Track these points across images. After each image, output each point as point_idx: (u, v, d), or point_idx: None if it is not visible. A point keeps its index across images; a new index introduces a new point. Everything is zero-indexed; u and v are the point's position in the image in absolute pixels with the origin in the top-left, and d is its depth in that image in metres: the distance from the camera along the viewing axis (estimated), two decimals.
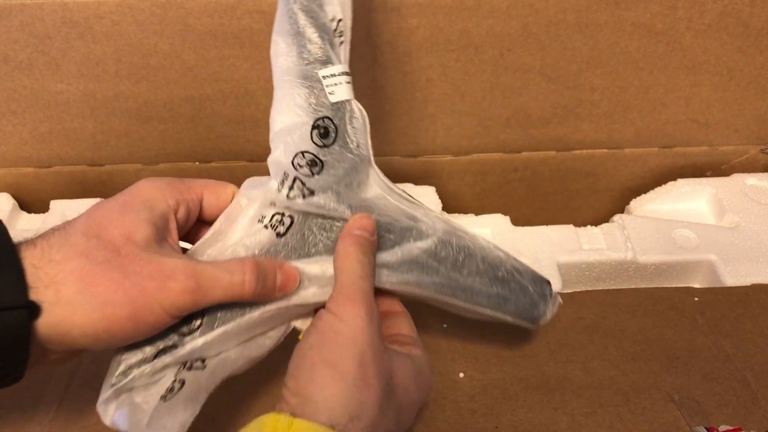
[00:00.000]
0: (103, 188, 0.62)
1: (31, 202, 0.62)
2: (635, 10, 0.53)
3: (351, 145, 0.39)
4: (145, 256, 0.31)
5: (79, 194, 0.59)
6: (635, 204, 0.62)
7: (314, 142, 0.38)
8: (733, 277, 0.51)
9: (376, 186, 0.40)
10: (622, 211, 0.64)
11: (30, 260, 0.30)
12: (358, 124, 0.40)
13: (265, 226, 0.37)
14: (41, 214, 0.58)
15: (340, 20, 0.41)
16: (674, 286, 0.54)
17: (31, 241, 0.31)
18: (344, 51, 0.41)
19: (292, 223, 0.38)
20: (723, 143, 0.63)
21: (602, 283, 0.55)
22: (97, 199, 0.59)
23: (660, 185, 0.62)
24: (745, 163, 0.65)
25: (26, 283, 0.29)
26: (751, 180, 0.60)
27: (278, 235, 0.37)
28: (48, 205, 0.58)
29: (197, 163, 0.61)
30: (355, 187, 0.39)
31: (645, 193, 0.62)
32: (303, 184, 0.37)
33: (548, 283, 0.42)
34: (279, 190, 0.37)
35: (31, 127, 0.57)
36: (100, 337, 0.30)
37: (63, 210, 0.57)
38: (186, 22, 0.51)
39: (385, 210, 0.39)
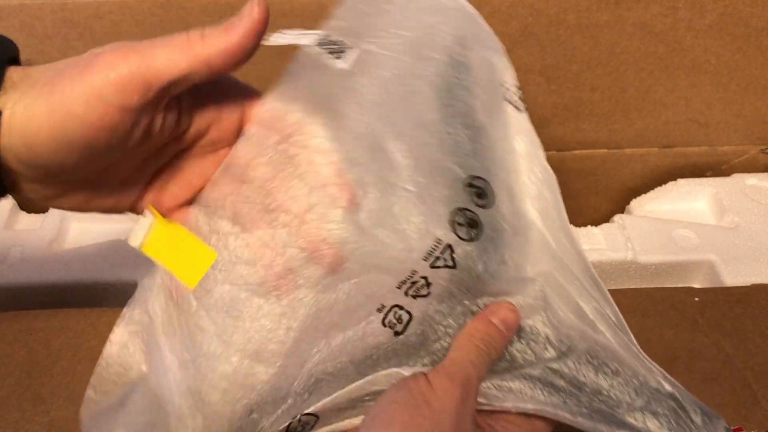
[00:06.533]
0: None
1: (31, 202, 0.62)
2: (635, 10, 0.53)
3: (505, 212, 0.33)
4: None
5: None
6: (635, 204, 0.62)
7: (473, 201, 0.32)
8: (733, 277, 0.51)
9: (545, 257, 0.34)
10: (622, 211, 0.64)
11: (11, 74, 0.27)
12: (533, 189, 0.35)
13: (383, 323, 0.31)
14: (41, 214, 0.58)
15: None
16: (674, 286, 0.54)
17: (24, 68, 0.28)
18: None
19: (410, 319, 0.32)
20: (723, 143, 0.63)
21: (602, 283, 0.55)
22: None
23: (660, 185, 0.62)
24: (746, 163, 0.65)
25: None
26: (752, 180, 0.60)
27: (396, 334, 0.32)
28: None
29: None
30: (512, 265, 0.33)
31: (645, 193, 0.62)
32: (452, 251, 0.31)
33: (718, 417, 0.34)
34: (425, 258, 0.30)
35: None
36: (56, 137, 0.26)
37: (63, 210, 0.57)
38: (186, 22, 0.51)
39: (547, 301, 0.33)
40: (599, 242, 0.54)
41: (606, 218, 0.60)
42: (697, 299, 0.49)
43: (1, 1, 0.49)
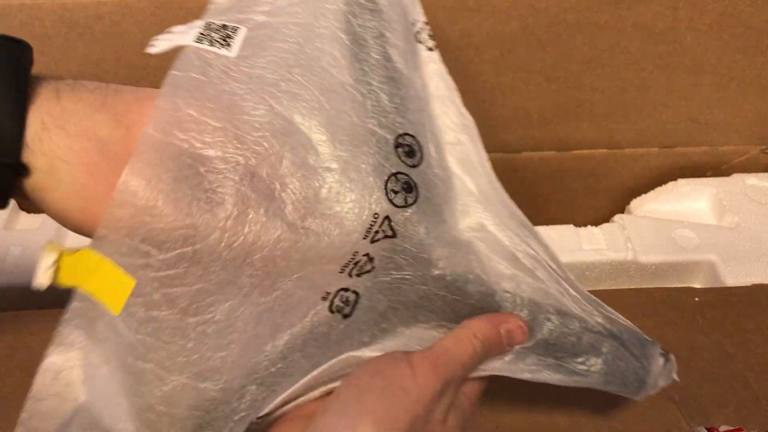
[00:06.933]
0: None
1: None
2: (636, 10, 0.53)
3: (434, 166, 0.31)
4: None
5: None
6: (635, 204, 0.62)
7: (404, 162, 0.30)
8: (733, 277, 0.51)
9: (473, 208, 0.33)
10: (622, 211, 0.64)
11: (41, 115, 0.26)
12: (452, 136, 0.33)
13: (330, 311, 0.29)
14: (41, 215, 0.58)
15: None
16: (674, 286, 0.54)
17: (55, 89, 0.27)
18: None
19: (358, 298, 0.30)
20: (723, 143, 0.63)
21: (603, 283, 0.55)
22: None
23: (660, 185, 0.62)
24: (746, 163, 0.65)
25: (24, 142, 0.26)
26: (752, 180, 0.60)
27: (345, 317, 0.30)
28: None
29: None
30: (449, 222, 0.32)
31: (645, 193, 0.62)
32: (390, 221, 0.29)
33: (653, 343, 0.35)
34: (365, 237, 0.28)
35: None
36: (69, 224, 0.28)
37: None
38: (186, 22, 0.51)
39: (484, 259, 0.32)
40: (599, 242, 0.54)
41: (606, 218, 0.60)
42: (697, 299, 0.49)
43: (1, 1, 0.49)
